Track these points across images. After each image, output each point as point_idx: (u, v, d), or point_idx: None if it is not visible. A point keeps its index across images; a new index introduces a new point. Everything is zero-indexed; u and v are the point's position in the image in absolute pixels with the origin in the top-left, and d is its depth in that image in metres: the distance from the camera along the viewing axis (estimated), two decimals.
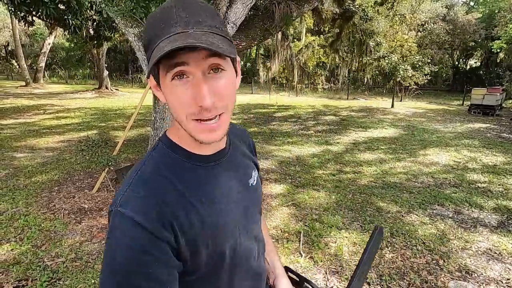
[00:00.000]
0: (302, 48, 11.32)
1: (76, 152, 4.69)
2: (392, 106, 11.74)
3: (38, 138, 6.01)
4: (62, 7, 4.74)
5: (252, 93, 17.21)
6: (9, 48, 22.73)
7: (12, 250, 2.39)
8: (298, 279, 0.83)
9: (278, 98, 14.23)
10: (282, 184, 3.92)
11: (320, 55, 12.26)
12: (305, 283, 0.82)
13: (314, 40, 11.78)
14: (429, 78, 11.74)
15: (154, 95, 3.33)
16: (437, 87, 19.66)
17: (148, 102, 7.47)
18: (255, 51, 13.50)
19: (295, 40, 13.83)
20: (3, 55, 24.80)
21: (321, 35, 12.02)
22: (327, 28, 10.55)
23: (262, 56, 15.67)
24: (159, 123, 3.39)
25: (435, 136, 6.80)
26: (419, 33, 15.57)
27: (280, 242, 2.60)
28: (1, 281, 2.05)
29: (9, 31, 20.33)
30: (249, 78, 18.88)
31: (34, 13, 4.31)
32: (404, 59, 11.06)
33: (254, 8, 3.96)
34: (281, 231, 2.79)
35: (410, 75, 10.65)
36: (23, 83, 16.58)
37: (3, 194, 3.41)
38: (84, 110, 9.82)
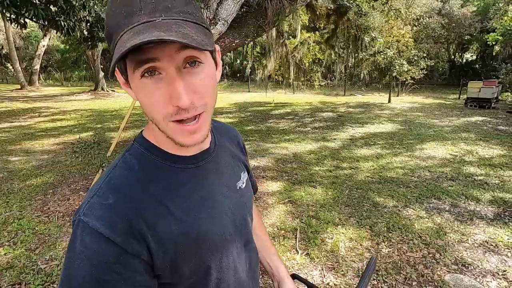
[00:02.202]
0: (297, 45, 11.28)
1: (71, 154, 4.66)
2: (389, 101, 11.74)
3: (33, 141, 5.97)
4: (53, 8, 4.69)
5: (249, 91, 17.19)
6: (3, 51, 22.58)
7: (5, 254, 2.36)
8: (306, 286, 0.80)
9: (275, 96, 14.21)
10: (278, 181, 3.91)
11: (316, 52, 12.24)
12: None
13: (309, 36, 11.74)
14: (425, 72, 11.75)
15: None
16: (434, 82, 19.68)
17: None
18: (250, 49, 13.45)
19: (291, 37, 13.79)
20: None
21: (317, 32, 11.99)
22: (322, 25, 10.53)
23: (258, 54, 15.64)
24: None
25: (432, 130, 6.80)
26: (414, 28, 15.56)
27: (276, 240, 2.59)
28: None
29: (2, 34, 20.19)
30: (245, 77, 18.81)
31: (25, 14, 4.26)
32: (400, 54, 11.05)
33: (246, 5, 3.93)
34: (278, 229, 2.77)
35: (406, 70, 10.66)
36: (18, 86, 16.50)
37: None
38: (80, 112, 9.77)
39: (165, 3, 0.41)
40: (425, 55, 11.80)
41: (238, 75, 22.83)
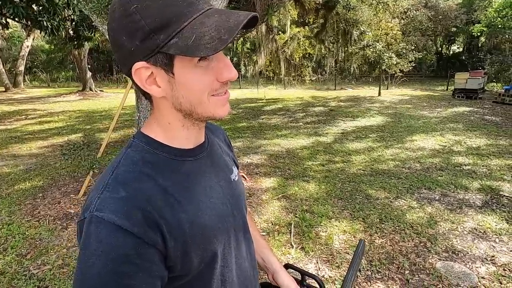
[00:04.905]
0: (287, 40, 11.26)
1: (60, 157, 4.57)
2: (379, 94, 11.87)
3: (20, 145, 5.83)
4: (35, 7, 4.56)
5: (240, 87, 17.13)
6: None
7: None
8: (300, 274, 0.81)
9: (266, 91, 14.19)
10: (272, 177, 3.92)
11: (306, 47, 12.25)
12: (307, 277, 0.79)
13: (299, 31, 11.74)
14: (413, 65, 11.88)
15: (137, 93, 3.26)
16: (422, 74, 19.95)
17: (133, 102, 7.32)
18: (240, 45, 13.37)
19: (280, 32, 13.76)
20: None
21: (306, 26, 11.99)
22: (311, 19, 10.53)
23: (248, 50, 15.56)
24: (143, 122, 3.32)
25: (421, 122, 6.91)
26: (402, 21, 15.70)
27: (271, 235, 2.60)
28: None
29: None
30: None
31: (5, 13, 4.13)
32: (389, 47, 11.15)
33: (235, 0, 3.89)
34: (272, 224, 2.79)
35: (395, 62, 10.76)
36: (2, 89, 16.04)
37: None
38: (68, 113, 9.57)
39: None
40: (413, 47, 11.91)
41: None
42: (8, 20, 4.83)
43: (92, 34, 7.36)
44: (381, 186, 3.52)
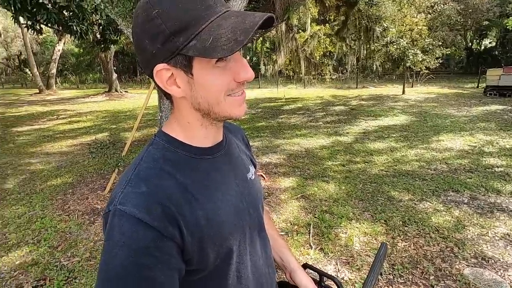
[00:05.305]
0: (307, 38, 11.14)
1: (88, 155, 4.81)
2: (403, 92, 11.44)
3: (52, 143, 6.19)
4: (66, 13, 4.82)
5: (259, 87, 17.15)
6: (22, 57, 23.43)
7: (30, 251, 2.48)
8: (319, 275, 0.80)
9: (286, 91, 14.12)
10: (291, 177, 3.90)
11: (326, 45, 12.04)
12: (326, 278, 0.78)
13: (319, 29, 11.57)
14: (441, 61, 11.36)
15: (159, 94, 3.36)
16: (450, 71, 19.02)
17: (156, 102, 7.55)
18: (260, 45, 13.38)
19: (300, 30, 13.62)
20: (16, 64, 25.62)
21: (327, 24, 11.80)
22: (332, 17, 10.34)
23: (268, 49, 15.53)
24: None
25: (449, 121, 6.59)
26: (428, 15, 15.03)
27: (290, 235, 2.59)
28: (21, 282, 2.14)
29: (20, 41, 20.93)
30: (255, 73, 18.74)
31: (39, 19, 4.40)
32: (414, 43, 10.71)
33: (254, 0, 3.90)
34: (291, 224, 2.77)
35: (421, 59, 10.32)
36: (37, 91, 17.09)
37: (21, 198, 3.53)
38: (95, 113, 10.03)
39: None
40: (440, 43, 11.36)
41: None
42: (42, 25, 5.14)
43: (118, 37, 7.65)
44: (405, 188, 3.40)
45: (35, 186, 3.89)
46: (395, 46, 10.11)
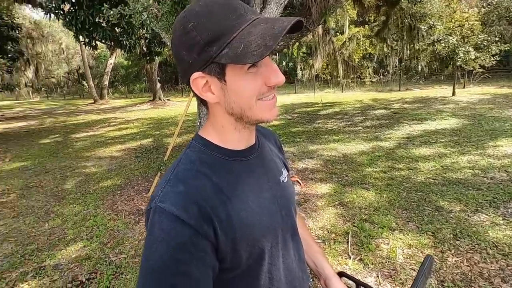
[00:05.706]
0: (345, 41, 10.85)
1: (134, 159, 5.17)
2: (453, 94, 10.53)
3: (104, 148, 6.77)
4: (117, 29, 5.29)
5: (295, 92, 17.04)
6: (80, 71, 26.17)
7: (84, 246, 2.72)
8: (355, 284, 0.77)
9: (323, 95, 13.84)
10: (328, 183, 3.79)
11: (366, 46, 11.61)
12: None
13: (358, 31, 11.20)
14: (498, 59, 10.24)
15: (198, 101, 3.51)
16: (510, 69, 17.07)
17: (195, 109, 7.90)
18: (296, 50, 13.33)
19: (338, 33, 13.32)
20: (76, 77, 28.70)
21: (366, 25, 11.38)
22: (372, 17, 9.96)
23: (304, 54, 15.41)
24: None
25: (509, 124, 5.91)
26: (482, 9, 13.74)
27: (327, 243, 2.52)
28: (76, 274, 2.36)
29: (79, 57, 23.43)
30: (291, 78, 18.67)
31: (95, 36, 4.89)
32: (465, 40, 9.84)
33: (290, 6, 3.92)
34: (328, 232, 2.69)
35: (474, 57, 9.43)
36: (92, 101, 18.91)
37: (77, 197, 3.91)
38: (141, 120, 10.79)
39: (253, 8, 0.53)
40: (497, 39, 10.27)
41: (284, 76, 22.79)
42: (97, 42, 5.72)
43: (162, 49, 8.19)
44: (456, 197, 3.11)
45: (89, 187, 4.28)
46: (443, 44, 9.37)
